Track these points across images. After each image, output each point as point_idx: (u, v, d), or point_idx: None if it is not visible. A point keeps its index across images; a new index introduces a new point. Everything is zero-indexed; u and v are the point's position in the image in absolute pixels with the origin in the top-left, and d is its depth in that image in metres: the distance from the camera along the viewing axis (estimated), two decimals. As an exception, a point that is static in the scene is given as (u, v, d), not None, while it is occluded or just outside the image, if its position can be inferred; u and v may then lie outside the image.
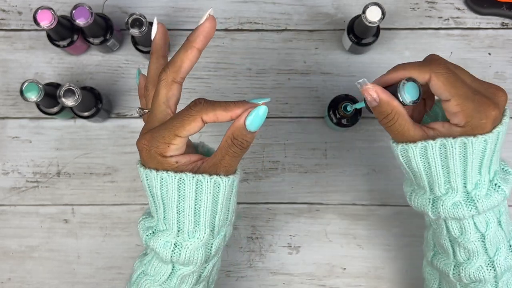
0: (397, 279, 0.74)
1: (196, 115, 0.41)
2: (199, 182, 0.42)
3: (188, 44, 0.43)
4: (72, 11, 0.66)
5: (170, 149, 0.42)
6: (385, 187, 0.75)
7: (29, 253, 0.75)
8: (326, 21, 0.76)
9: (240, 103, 0.41)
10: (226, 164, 0.42)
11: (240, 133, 0.41)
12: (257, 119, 0.41)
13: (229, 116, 0.41)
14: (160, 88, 0.43)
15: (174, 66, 0.43)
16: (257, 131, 0.41)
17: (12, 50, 0.76)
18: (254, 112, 0.41)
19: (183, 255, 0.44)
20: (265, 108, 0.41)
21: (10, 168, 0.76)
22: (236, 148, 0.41)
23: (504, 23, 0.76)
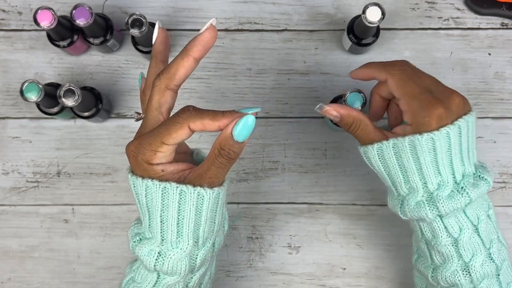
0: (397, 279, 0.74)
1: (183, 122, 0.40)
2: (183, 192, 0.41)
3: (184, 52, 0.42)
4: (72, 11, 0.66)
5: (156, 157, 0.41)
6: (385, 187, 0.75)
7: (29, 253, 0.75)
8: (326, 21, 0.76)
9: (228, 113, 0.40)
10: (211, 175, 0.41)
11: (227, 143, 0.40)
12: (245, 129, 0.40)
13: (217, 126, 0.40)
14: (153, 94, 0.43)
15: (168, 73, 0.42)
16: (246, 141, 0.40)
17: (12, 50, 0.77)
18: (241, 121, 0.39)
19: (166, 265, 0.44)
20: (253, 118, 0.40)
21: (10, 168, 0.76)
22: (223, 159, 0.40)
23: (504, 23, 0.76)
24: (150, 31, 0.68)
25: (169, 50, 0.48)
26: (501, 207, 0.74)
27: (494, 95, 0.75)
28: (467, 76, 0.75)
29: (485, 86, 0.75)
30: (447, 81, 0.76)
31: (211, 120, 0.40)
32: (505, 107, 0.75)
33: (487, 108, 0.75)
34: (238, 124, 0.39)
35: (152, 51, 0.47)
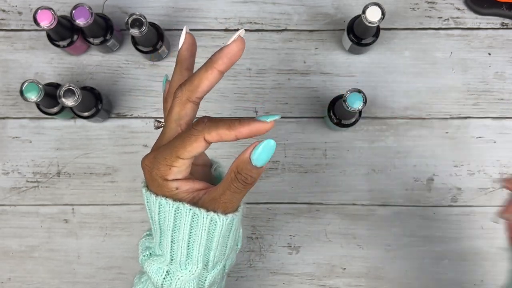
0: (397, 279, 0.74)
1: (198, 135, 0.37)
2: (195, 216, 0.39)
3: (209, 63, 0.40)
4: (72, 11, 0.66)
5: (171, 172, 0.39)
6: (385, 187, 0.75)
7: (29, 253, 0.75)
8: (326, 21, 0.76)
9: (245, 120, 0.37)
10: (226, 200, 0.39)
11: (244, 168, 0.37)
12: (265, 153, 0.37)
13: (234, 135, 0.37)
14: (174, 105, 0.40)
15: (191, 84, 0.40)
16: (265, 166, 0.38)
17: (12, 50, 0.76)
18: (261, 145, 0.37)
19: (173, 285, 0.43)
20: (274, 142, 0.37)
21: (10, 168, 0.76)
22: (239, 183, 0.38)
23: (504, 23, 0.76)
24: (150, 31, 0.68)
25: (195, 57, 0.45)
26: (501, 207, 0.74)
27: (494, 95, 0.75)
28: (467, 76, 0.75)
29: (485, 86, 0.75)
30: (447, 81, 0.76)
31: (227, 129, 0.37)
32: (505, 107, 0.75)
33: (487, 108, 0.75)
34: (258, 148, 0.37)
35: (178, 56, 0.44)
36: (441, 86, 0.75)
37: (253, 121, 0.37)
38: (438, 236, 0.74)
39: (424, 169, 0.75)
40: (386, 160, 0.75)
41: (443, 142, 0.75)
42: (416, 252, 0.74)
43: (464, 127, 0.75)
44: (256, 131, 0.38)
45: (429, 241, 0.74)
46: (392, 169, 0.75)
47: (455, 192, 0.74)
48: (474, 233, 0.74)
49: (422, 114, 0.75)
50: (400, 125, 0.75)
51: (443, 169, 0.75)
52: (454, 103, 0.75)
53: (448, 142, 0.75)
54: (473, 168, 0.75)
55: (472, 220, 0.74)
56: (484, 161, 0.75)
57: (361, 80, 0.76)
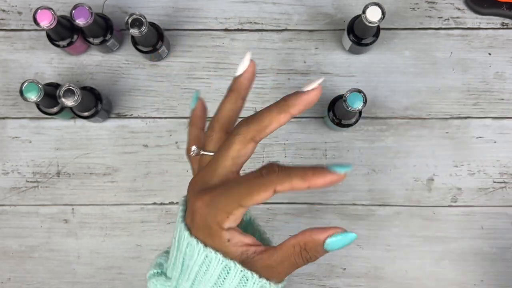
0: (397, 279, 0.74)
1: (269, 185, 0.34)
2: (244, 278, 0.36)
3: (285, 107, 0.36)
4: (72, 11, 0.66)
5: (228, 220, 0.35)
6: (385, 187, 0.75)
7: (29, 253, 0.75)
8: (326, 21, 0.76)
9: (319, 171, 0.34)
10: (282, 271, 0.36)
11: (314, 249, 0.35)
12: (341, 243, 0.35)
13: (307, 186, 0.34)
14: (235, 141, 0.36)
15: (260, 124, 0.36)
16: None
17: (12, 50, 0.76)
18: (341, 236, 0.35)
19: None
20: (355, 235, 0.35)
21: (10, 168, 0.75)
22: (302, 260, 0.35)
23: (504, 23, 0.76)
24: (150, 31, 0.68)
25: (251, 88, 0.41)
26: (501, 207, 0.74)
27: (494, 95, 0.75)
28: (467, 76, 0.75)
29: (485, 86, 0.75)
30: (447, 81, 0.76)
31: (301, 180, 0.34)
32: (505, 107, 0.75)
33: (487, 108, 0.75)
34: (336, 236, 0.35)
35: (235, 84, 0.40)
36: (441, 86, 0.75)
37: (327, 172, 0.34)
38: (438, 236, 0.74)
39: (424, 169, 0.74)
40: (386, 160, 0.75)
41: (443, 142, 0.75)
42: (416, 252, 0.74)
43: (464, 127, 0.75)
44: (330, 183, 0.35)
45: (429, 241, 0.74)
46: (392, 169, 0.75)
47: (455, 192, 0.74)
48: (474, 233, 0.74)
49: (422, 114, 0.75)
50: (400, 125, 0.75)
51: (443, 169, 0.74)
52: (454, 103, 0.75)
53: (448, 142, 0.75)
54: (473, 168, 0.75)
55: (472, 220, 0.74)
56: (484, 161, 0.75)
57: (361, 80, 0.75)
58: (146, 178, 0.75)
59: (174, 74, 0.76)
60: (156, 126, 0.76)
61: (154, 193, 0.75)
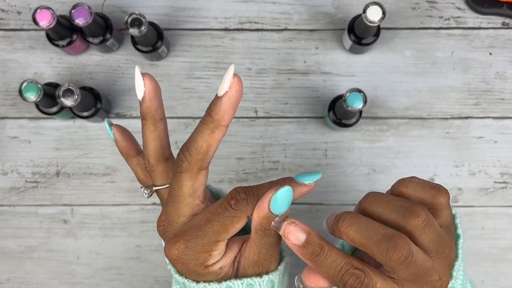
0: (397, 280, 0.74)
1: (241, 215, 0.33)
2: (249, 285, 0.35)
3: (213, 123, 0.33)
4: (72, 11, 0.66)
5: (212, 257, 0.34)
6: (385, 187, 0.74)
7: (28, 253, 0.75)
8: (326, 21, 0.76)
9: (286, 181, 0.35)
10: (267, 258, 0.35)
11: (267, 222, 0.34)
12: (283, 202, 0.33)
13: None
14: (183, 180, 0.34)
15: (199, 152, 0.34)
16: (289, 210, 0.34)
17: (11, 50, 0.76)
18: (277, 195, 0.33)
19: None
20: (288, 188, 0.33)
21: (9, 168, 0.75)
22: (271, 237, 0.34)
23: (505, 23, 0.76)
24: (149, 31, 0.68)
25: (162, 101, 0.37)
26: (501, 207, 0.74)
27: (495, 95, 0.75)
28: (468, 76, 0.75)
29: (486, 86, 0.75)
30: (448, 81, 0.76)
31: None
32: (506, 107, 0.75)
33: (488, 108, 0.75)
34: (273, 200, 0.33)
35: (143, 110, 0.36)
36: (442, 86, 0.75)
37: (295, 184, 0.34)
38: (438, 237, 0.74)
39: (425, 169, 0.74)
40: (387, 160, 0.75)
41: (444, 142, 0.75)
42: (416, 253, 0.74)
43: (464, 127, 0.75)
44: (300, 195, 0.35)
45: (429, 241, 0.74)
46: (392, 169, 0.74)
47: (456, 192, 0.74)
48: (474, 234, 0.74)
49: (423, 114, 0.75)
50: (401, 125, 0.75)
51: (444, 169, 0.74)
52: (455, 103, 0.75)
53: (449, 142, 0.75)
54: (473, 168, 0.74)
55: (472, 221, 0.74)
56: (485, 161, 0.74)
57: (362, 80, 0.75)
58: (145, 178, 0.75)
59: (173, 74, 0.76)
60: (155, 126, 0.75)
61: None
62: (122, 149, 0.40)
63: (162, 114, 0.37)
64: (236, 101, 0.33)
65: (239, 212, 0.33)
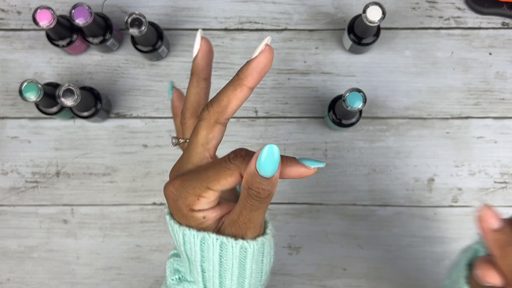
0: (397, 280, 0.74)
1: (234, 169, 0.35)
2: (224, 244, 0.36)
3: (238, 81, 0.36)
4: (72, 11, 0.66)
5: (199, 203, 0.36)
6: (385, 187, 0.75)
7: (28, 253, 0.75)
8: (326, 21, 0.76)
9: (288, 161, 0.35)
10: (245, 221, 0.36)
11: (253, 181, 0.34)
12: (269, 161, 0.34)
13: None
14: (200, 127, 0.37)
15: (219, 105, 0.36)
16: (277, 176, 0.34)
17: (11, 50, 0.76)
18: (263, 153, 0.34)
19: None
20: (274, 146, 0.34)
21: (9, 168, 0.75)
22: (253, 200, 0.35)
23: (505, 23, 0.76)
24: (149, 31, 0.68)
25: (212, 65, 0.41)
26: (501, 207, 0.74)
27: (495, 95, 0.75)
28: (468, 76, 0.75)
29: (486, 86, 0.75)
30: (448, 81, 0.76)
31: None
32: (506, 107, 0.75)
33: (488, 108, 0.75)
34: (260, 157, 0.34)
35: (193, 66, 0.41)
36: (442, 86, 0.75)
37: (296, 163, 0.35)
38: (438, 237, 0.74)
39: (425, 169, 0.74)
40: (387, 160, 0.75)
41: (444, 142, 0.75)
42: (416, 253, 0.74)
43: (465, 127, 0.75)
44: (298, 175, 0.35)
45: (429, 241, 0.74)
46: (392, 169, 0.74)
47: (456, 192, 0.74)
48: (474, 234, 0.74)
49: (423, 114, 0.75)
50: (401, 125, 0.75)
51: (444, 169, 0.74)
52: (455, 103, 0.75)
53: (449, 142, 0.75)
54: (474, 168, 0.74)
55: (472, 221, 0.74)
56: (485, 161, 0.74)
57: (362, 80, 0.75)
58: (145, 178, 0.75)
59: (174, 73, 0.76)
60: (155, 126, 0.75)
61: (154, 193, 0.75)
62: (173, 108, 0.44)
63: (208, 75, 0.41)
64: (263, 67, 0.35)
65: (233, 166, 0.35)
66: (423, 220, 0.74)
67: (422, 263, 0.74)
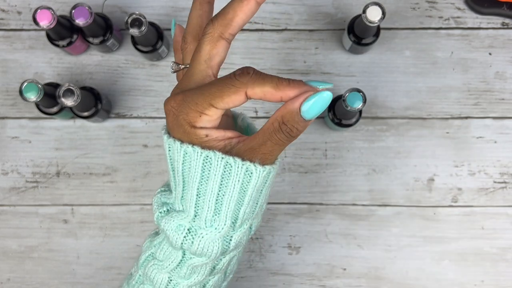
0: (397, 280, 0.74)
1: (240, 87, 0.33)
2: (228, 165, 0.35)
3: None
4: (72, 11, 0.66)
5: (201, 120, 0.34)
6: (385, 187, 0.75)
7: (29, 253, 0.75)
8: (326, 21, 0.76)
9: (295, 83, 0.33)
10: (266, 151, 0.34)
11: (291, 119, 0.33)
12: (317, 106, 0.33)
13: (279, 97, 0.33)
14: (204, 43, 0.35)
15: (224, 18, 0.35)
16: (312, 120, 0.34)
17: (11, 50, 0.76)
18: (315, 97, 0.32)
19: (196, 244, 0.38)
20: (330, 94, 0.33)
21: (10, 168, 0.75)
22: (283, 135, 0.34)
23: (505, 23, 0.76)
24: (149, 31, 0.68)
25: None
26: (501, 207, 0.74)
27: (495, 95, 0.75)
28: (467, 76, 0.75)
29: (486, 86, 0.75)
30: (448, 81, 0.76)
31: (274, 88, 0.33)
32: (505, 107, 0.75)
33: (487, 108, 0.75)
34: (310, 99, 0.32)
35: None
36: (441, 86, 0.75)
37: (304, 85, 0.33)
38: (438, 237, 0.74)
39: (425, 169, 0.74)
40: (387, 160, 0.75)
41: (444, 142, 0.75)
42: (416, 253, 0.74)
43: (464, 127, 0.75)
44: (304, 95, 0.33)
45: (429, 241, 0.74)
46: (392, 169, 0.75)
47: (456, 192, 0.74)
48: (474, 234, 0.74)
49: (423, 114, 0.75)
50: (401, 125, 0.75)
51: (444, 169, 0.74)
52: (455, 103, 0.75)
53: (449, 142, 0.75)
54: (473, 168, 0.74)
55: (472, 221, 0.74)
56: (484, 161, 0.74)
57: (362, 80, 0.75)
58: (145, 178, 0.75)
59: (173, 73, 0.76)
60: (155, 126, 0.75)
61: (154, 193, 0.75)
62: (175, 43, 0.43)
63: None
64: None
65: (239, 83, 0.33)
66: (423, 220, 0.74)
67: (422, 263, 0.74)
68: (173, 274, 0.41)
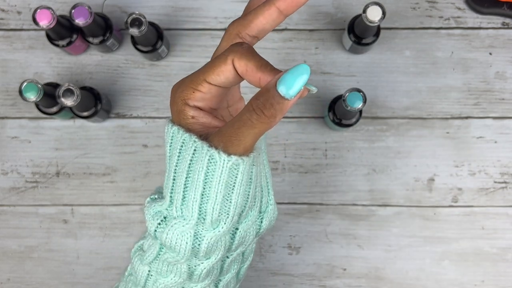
0: (397, 280, 0.74)
1: (228, 55, 0.32)
2: (196, 151, 0.33)
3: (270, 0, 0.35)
4: (72, 11, 0.66)
5: (194, 96, 0.34)
6: (385, 187, 0.75)
7: (29, 253, 0.75)
8: (326, 21, 0.76)
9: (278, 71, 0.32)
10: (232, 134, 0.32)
11: (266, 93, 0.30)
12: (293, 76, 0.30)
13: (257, 78, 0.32)
14: (223, 39, 0.37)
15: (245, 19, 0.36)
16: (292, 102, 0.30)
17: (11, 50, 0.76)
18: (292, 70, 0.30)
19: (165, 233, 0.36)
20: (307, 66, 0.30)
21: (9, 168, 0.75)
22: (253, 113, 0.31)
23: (505, 23, 0.76)
24: (149, 31, 0.68)
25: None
26: (501, 207, 0.74)
27: (495, 95, 0.75)
28: (468, 76, 0.75)
29: (486, 86, 0.75)
30: (448, 81, 0.76)
31: (256, 67, 0.32)
32: (506, 107, 0.75)
33: (488, 108, 0.75)
34: (287, 72, 0.30)
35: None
36: (441, 85, 0.75)
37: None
38: (438, 237, 0.74)
39: (425, 169, 0.74)
40: (387, 160, 0.75)
41: (444, 142, 0.75)
42: (416, 253, 0.74)
43: (464, 127, 0.75)
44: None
45: (429, 241, 0.74)
46: (392, 169, 0.74)
47: (456, 192, 0.74)
48: (475, 234, 0.74)
49: (423, 114, 0.75)
50: (401, 125, 0.75)
51: (444, 169, 0.74)
52: (455, 103, 0.75)
53: (449, 142, 0.75)
54: (474, 168, 0.74)
55: (472, 221, 0.74)
56: (485, 161, 0.74)
57: (362, 80, 0.75)
58: (145, 178, 0.75)
59: (173, 73, 0.76)
60: (155, 126, 0.75)
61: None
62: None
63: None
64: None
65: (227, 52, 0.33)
66: (423, 220, 0.74)
67: (422, 263, 0.74)
68: (152, 267, 0.39)
